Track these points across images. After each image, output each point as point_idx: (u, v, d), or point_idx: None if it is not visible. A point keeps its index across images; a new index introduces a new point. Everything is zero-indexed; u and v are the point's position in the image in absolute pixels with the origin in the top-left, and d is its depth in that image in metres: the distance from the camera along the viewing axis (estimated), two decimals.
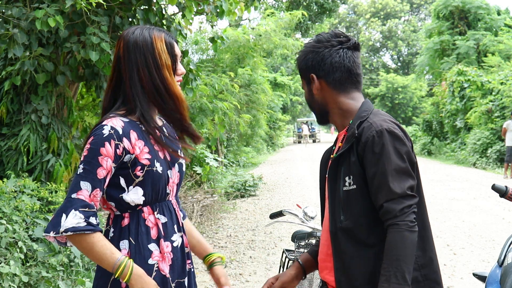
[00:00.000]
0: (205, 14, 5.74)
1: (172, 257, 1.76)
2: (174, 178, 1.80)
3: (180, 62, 1.84)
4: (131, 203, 1.71)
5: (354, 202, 1.74)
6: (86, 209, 1.60)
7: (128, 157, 1.69)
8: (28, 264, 3.81)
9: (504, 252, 2.72)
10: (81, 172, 1.63)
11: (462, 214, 8.42)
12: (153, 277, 1.70)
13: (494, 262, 3.69)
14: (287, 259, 3.44)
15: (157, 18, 5.13)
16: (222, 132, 8.97)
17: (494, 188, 2.60)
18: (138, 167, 1.70)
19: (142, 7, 5.13)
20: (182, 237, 1.82)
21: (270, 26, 13.64)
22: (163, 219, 1.76)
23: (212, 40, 6.16)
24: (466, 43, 23.34)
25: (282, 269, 3.50)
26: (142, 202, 1.72)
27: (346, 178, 1.75)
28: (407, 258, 1.61)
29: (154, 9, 5.20)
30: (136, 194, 1.71)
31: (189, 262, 1.84)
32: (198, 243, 2.01)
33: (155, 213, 1.75)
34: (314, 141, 43.83)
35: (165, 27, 5.34)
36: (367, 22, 54.03)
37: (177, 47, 1.81)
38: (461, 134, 20.35)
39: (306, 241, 3.18)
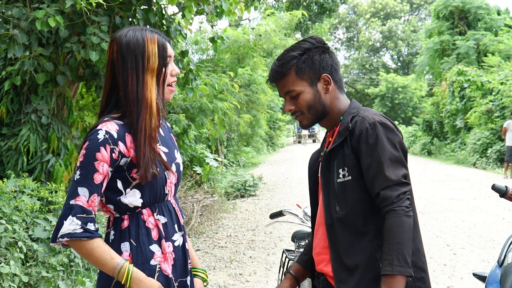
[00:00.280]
0: (205, 14, 5.74)
1: (174, 256, 1.77)
2: (171, 178, 1.80)
3: (173, 62, 1.83)
4: (129, 205, 1.72)
5: (350, 193, 1.82)
6: (84, 215, 1.61)
7: (124, 160, 1.69)
8: (28, 264, 3.81)
9: (504, 252, 2.72)
10: (78, 178, 1.63)
11: (462, 214, 8.42)
12: (156, 277, 1.70)
13: (494, 262, 3.69)
14: (287, 259, 3.44)
15: (157, 18, 5.13)
16: (222, 132, 8.97)
17: (494, 188, 2.60)
18: (134, 170, 1.70)
19: (142, 7, 5.13)
20: (183, 236, 1.83)
21: (270, 26, 13.65)
22: (163, 220, 1.77)
23: (212, 40, 6.16)
24: (466, 43, 23.34)
25: (282, 269, 3.50)
26: (140, 204, 1.72)
27: (340, 171, 1.83)
28: (407, 242, 1.70)
29: (154, 9, 5.20)
30: (133, 197, 1.71)
31: (189, 261, 1.85)
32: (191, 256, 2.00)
33: (155, 214, 1.75)
34: (314, 141, 43.83)
35: (165, 27, 5.34)
36: (367, 22, 54.02)
37: (169, 48, 1.80)
38: (461, 134, 20.35)
39: (306, 241, 3.18)
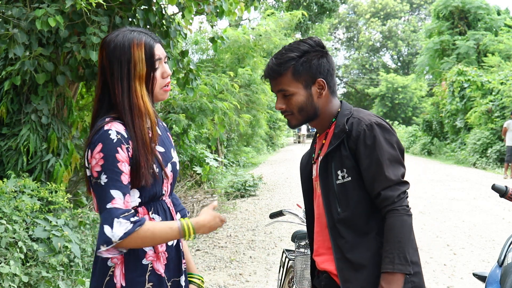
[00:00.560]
0: (205, 14, 5.74)
1: (167, 256, 1.77)
2: (168, 177, 1.80)
3: (165, 63, 1.79)
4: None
5: (350, 194, 1.84)
6: (126, 214, 1.60)
7: (134, 158, 1.69)
8: (28, 264, 3.81)
9: (504, 252, 2.72)
10: (106, 181, 1.61)
11: (462, 214, 8.42)
12: (147, 277, 1.71)
13: (494, 262, 3.69)
14: (287, 259, 3.44)
15: (157, 18, 5.13)
16: (222, 132, 8.97)
17: (494, 188, 2.61)
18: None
19: (142, 7, 5.13)
20: None
21: (270, 26, 13.65)
22: (158, 219, 1.77)
23: (212, 40, 6.16)
24: (466, 43, 23.34)
25: (282, 269, 3.50)
26: (137, 204, 1.73)
27: (339, 172, 1.85)
28: (407, 240, 1.75)
29: (154, 9, 5.20)
30: (133, 197, 1.71)
31: (184, 261, 1.85)
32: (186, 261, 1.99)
33: (150, 213, 1.75)
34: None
35: (165, 27, 5.34)
36: (367, 22, 54.01)
37: (159, 50, 1.76)
38: (461, 134, 20.35)
39: (306, 241, 3.18)
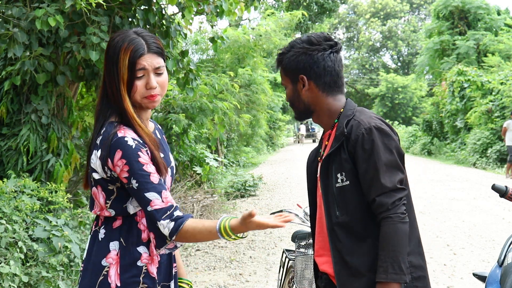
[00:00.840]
0: (205, 14, 5.73)
1: (159, 260, 1.77)
2: (167, 183, 1.81)
3: (157, 74, 1.74)
4: (131, 211, 1.72)
5: (349, 197, 1.82)
6: (167, 213, 1.62)
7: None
8: (28, 264, 3.81)
9: (504, 252, 2.72)
10: (137, 185, 1.63)
11: (462, 214, 8.42)
12: (141, 278, 1.71)
13: (494, 262, 3.69)
14: (287, 259, 3.44)
15: (157, 18, 5.13)
16: (222, 132, 8.97)
17: (494, 188, 2.60)
18: None
19: (142, 7, 5.13)
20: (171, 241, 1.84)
21: (270, 26, 13.64)
22: None
23: (212, 40, 6.16)
24: (466, 43, 23.33)
25: (282, 269, 3.50)
26: (139, 209, 1.73)
27: (338, 175, 1.83)
28: (402, 248, 1.72)
29: (154, 9, 5.20)
30: (135, 203, 1.72)
31: (174, 265, 1.85)
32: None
33: None
34: (314, 140, 43.84)
35: (165, 27, 5.34)
36: (367, 22, 54.00)
37: (145, 61, 1.71)
38: (461, 134, 20.34)
39: (307, 241, 3.19)
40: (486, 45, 22.71)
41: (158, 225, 1.61)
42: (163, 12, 5.36)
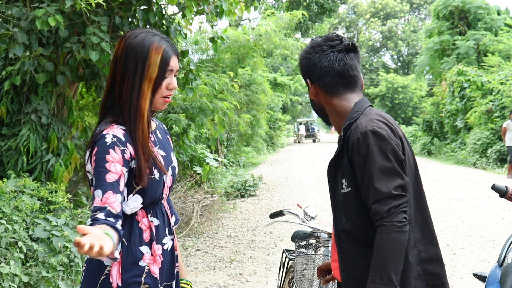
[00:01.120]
0: (205, 14, 5.73)
1: (162, 260, 1.78)
2: (168, 182, 1.81)
3: (175, 76, 1.81)
4: (129, 212, 1.72)
5: (351, 204, 1.76)
6: (97, 212, 1.60)
7: (133, 162, 1.69)
8: (28, 264, 3.81)
9: (504, 252, 2.72)
10: (94, 182, 1.64)
11: (462, 214, 8.42)
12: (143, 278, 1.72)
13: (494, 262, 3.69)
14: (287, 259, 3.44)
15: (157, 18, 5.13)
16: (222, 132, 8.96)
17: (494, 188, 2.61)
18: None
19: (142, 7, 5.13)
20: (172, 240, 1.84)
21: (270, 26, 13.63)
22: (156, 222, 1.77)
23: (212, 40, 6.16)
24: (466, 43, 23.34)
25: (282, 269, 3.50)
26: (139, 209, 1.74)
27: (343, 181, 1.77)
28: (394, 259, 1.62)
29: (154, 9, 5.20)
30: (135, 202, 1.72)
31: (177, 265, 1.86)
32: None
33: (149, 216, 1.76)
34: (314, 141, 43.84)
35: (165, 27, 5.34)
36: (367, 22, 54.01)
37: (173, 61, 1.77)
38: (461, 134, 20.35)
39: (307, 241, 3.18)
40: (486, 45, 22.72)
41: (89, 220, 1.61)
42: (163, 12, 5.37)
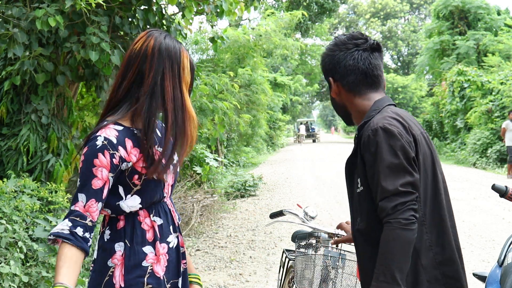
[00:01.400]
0: (205, 14, 5.73)
1: (168, 258, 1.77)
2: (169, 180, 1.80)
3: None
4: (127, 210, 1.72)
5: (364, 204, 1.74)
6: (78, 218, 1.60)
7: (125, 165, 1.68)
8: (28, 264, 3.81)
9: (504, 252, 2.72)
10: (78, 184, 1.64)
11: (462, 214, 8.42)
12: (146, 279, 1.71)
13: (494, 262, 3.69)
14: (287, 259, 3.44)
15: (157, 18, 5.13)
16: (222, 132, 8.96)
17: (494, 188, 2.60)
18: (136, 176, 1.69)
19: (142, 7, 5.13)
20: (178, 237, 1.83)
21: (270, 26, 13.64)
22: (159, 221, 1.77)
23: (212, 40, 6.15)
24: (466, 43, 23.33)
25: (282, 269, 3.50)
26: (138, 208, 1.73)
27: (358, 180, 1.77)
28: (399, 257, 1.59)
29: (154, 9, 5.20)
30: (133, 202, 1.72)
31: (184, 262, 1.85)
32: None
33: (151, 215, 1.75)
34: (314, 141, 43.83)
35: (165, 27, 5.34)
36: (367, 22, 54.00)
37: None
38: (461, 134, 20.35)
39: (307, 241, 3.18)
40: (486, 45, 22.72)
41: (63, 221, 1.61)
42: (163, 12, 5.36)
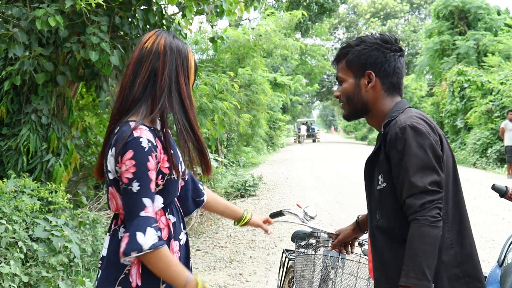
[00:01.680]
0: (205, 14, 5.73)
1: (179, 255, 1.81)
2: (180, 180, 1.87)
3: None
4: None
5: (387, 200, 1.76)
6: (156, 224, 1.62)
7: (157, 166, 1.72)
8: (28, 264, 3.81)
9: (504, 252, 2.72)
10: (138, 189, 1.62)
11: None
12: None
13: (494, 262, 3.69)
14: (287, 259, 3.44)
15: (157, 18, 5.13)
16: (222, 132, 8.96)
17: (494, 188, 2.60)
18: (159, 176, 1.72)
19: (142, 7, 5.13)
20: (186, 234, 1.88)
21: (270, 26, 13.63)
22: (173, 219, 1.80)
23: (212, 40, 6.16)
24: (466, 43, 23.33)
25: (282, 269, 3.50)
26: (161, 207, 1.76)
27: (379, 177, 1.78)
28: (427, 253, 1.61)
29: (154, 9, 5.20)
30: (157, 202, 1.74)
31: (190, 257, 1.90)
32: (226, 208, 2.22)
33: (166, 213, 1.78)
34: (314, 140, 43.84)
35: (165, 27, 5.34)
36: (367, 22, 53.99)
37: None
38: (461, 134, 20.35)
39: (307, 241, 3.18)
40: (486, 45, 22.72)
41: (148, 230, 1.59)
42: (163, 12, 5.36)
